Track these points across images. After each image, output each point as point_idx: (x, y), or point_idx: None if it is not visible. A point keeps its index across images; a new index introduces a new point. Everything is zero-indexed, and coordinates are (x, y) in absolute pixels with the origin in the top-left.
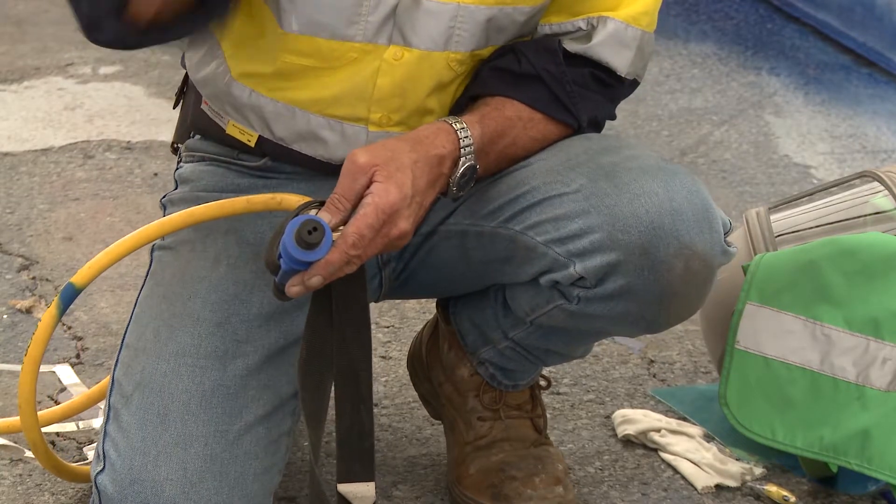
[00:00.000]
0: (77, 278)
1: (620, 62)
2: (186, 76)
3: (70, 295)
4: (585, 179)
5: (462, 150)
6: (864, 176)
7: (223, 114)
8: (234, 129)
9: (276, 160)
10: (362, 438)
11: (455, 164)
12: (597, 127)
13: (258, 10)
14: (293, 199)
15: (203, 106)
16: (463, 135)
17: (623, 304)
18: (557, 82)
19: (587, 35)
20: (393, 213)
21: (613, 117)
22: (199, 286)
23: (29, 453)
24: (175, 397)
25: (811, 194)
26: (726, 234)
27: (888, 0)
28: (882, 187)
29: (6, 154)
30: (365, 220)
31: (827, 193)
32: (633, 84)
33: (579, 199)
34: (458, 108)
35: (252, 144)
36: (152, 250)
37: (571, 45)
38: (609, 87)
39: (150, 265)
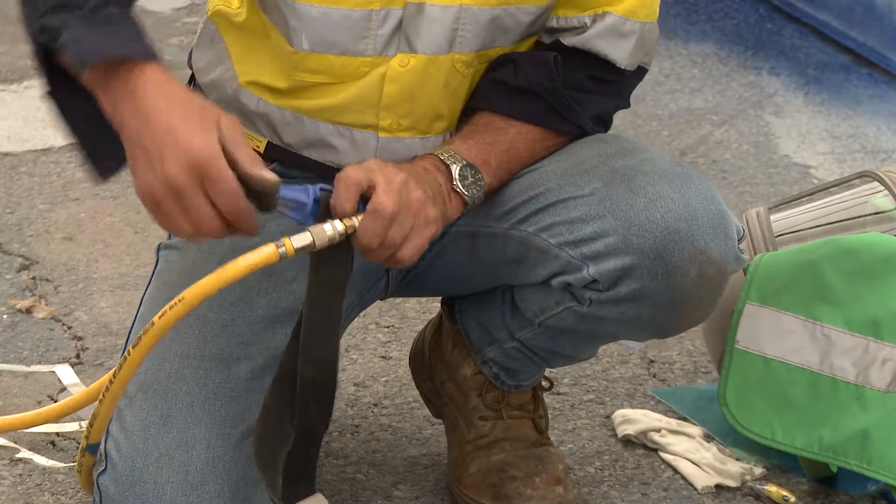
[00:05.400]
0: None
1: (619, 54)
2: (192, 77)
3: None
4: (600, 182)
5: (444, 158)
6: (864, 176)
7: None
8: None
9: (286, 166)
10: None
11: (446, 172)
12: (604, 125)
13: (268, 28)
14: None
15: None
16: (444, 155)
17: (635, 308)
18: (552, 96)
19: (588, 29)
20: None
21: (627, 106)
22: None
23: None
24: (178, 399)
25: (811, 194)
26: (739, 240)
27: (888, 0)
28: (882, 187)
29: (6, 154)
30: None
31: (827, 193)
32: (641, 72)
33: (594, 203)
34: (465, 116)
35: (261, 150)
36: (158, 249)
37: (569, 39)
38: (610, 83)
39: (156, 265)
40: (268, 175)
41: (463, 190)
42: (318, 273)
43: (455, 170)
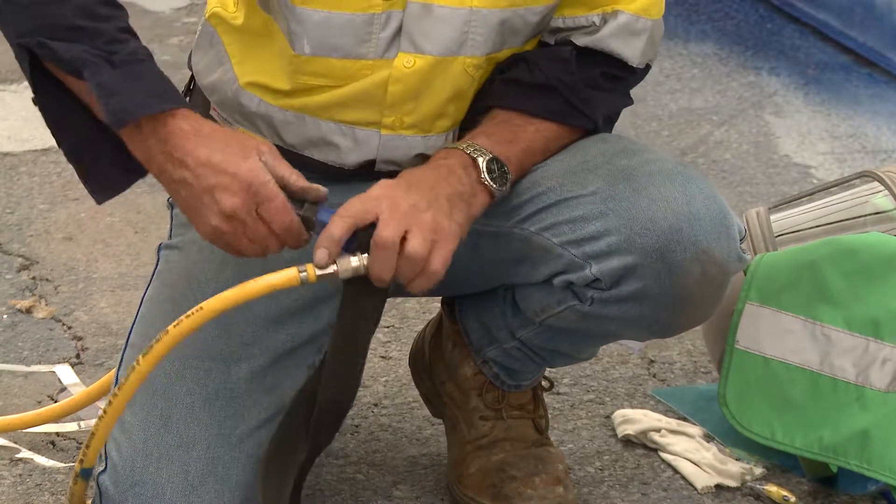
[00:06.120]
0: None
1: (632, 53)
2: (192, 79)
3: None
4: (602, 182)
5: (470, 151)
6: (864, 176)
7: (232, 121)
8: None
9: None
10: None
11: (473, 166)
12: (611, 123)
13: (270, 31)
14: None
15: (212, 112)
16: (470, 149)
17: (637, 308)
18: (572, 91)
19: (599, 28)
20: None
21: (631, 103)
22: (206, 288)
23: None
24: (178, 399)
25: (811, 194)
26: (741, 240)
27: (888, 0)
28: (882, 187)
29: (6, 154)
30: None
31: (827, 193)
32: (646, 69)
33: (597, 202)
34: (472, 116)
35: None
36: (159, 249)
37: (581, 39)
38: (621, 80)
39: (157, 264)
40: (318, 186)
41: (491, 183)
42: (348, 303)
43: (482, 162)
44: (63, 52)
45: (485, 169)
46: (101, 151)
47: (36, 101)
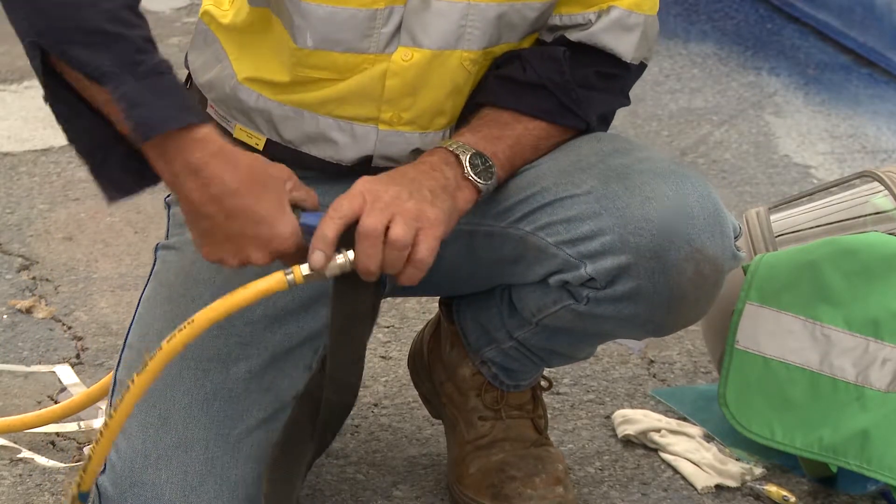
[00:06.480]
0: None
1: (624, 48)
2: (189, 76)
3: None
4: (597, 181)
5: (453, 148)
6: (864, 176)
7: (230, 118)
8: (241, 132)
9: (285, 164)
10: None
11: (456, 163)
12: (605, 123)
13: (271, 24)
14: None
15: (209, 109)
16: (453, 146)
17: (632, 307)
18: (563, 90)
19: (593, 24)
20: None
21: (628, 103)
22: (204, 288)
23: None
24: (176, 400)
25: (811, 194)
26: (735, 238)
27: (888, 0)
28: (882, 187)
29: (6, 154)
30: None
31: (827, 193)
32: (641, 68)
33: (591, 201)
34: (466, 113)
35: (260, 148)
36: (156, 249)
37: (574, 35)
38: (616, 78)
39: (154, 265)
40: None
41: (475, 178)
42: (340, 301)
43: (465, 159)
44: (85, 59)
45: (468, 164)
46: (114, 158)
47: (47, 101)
